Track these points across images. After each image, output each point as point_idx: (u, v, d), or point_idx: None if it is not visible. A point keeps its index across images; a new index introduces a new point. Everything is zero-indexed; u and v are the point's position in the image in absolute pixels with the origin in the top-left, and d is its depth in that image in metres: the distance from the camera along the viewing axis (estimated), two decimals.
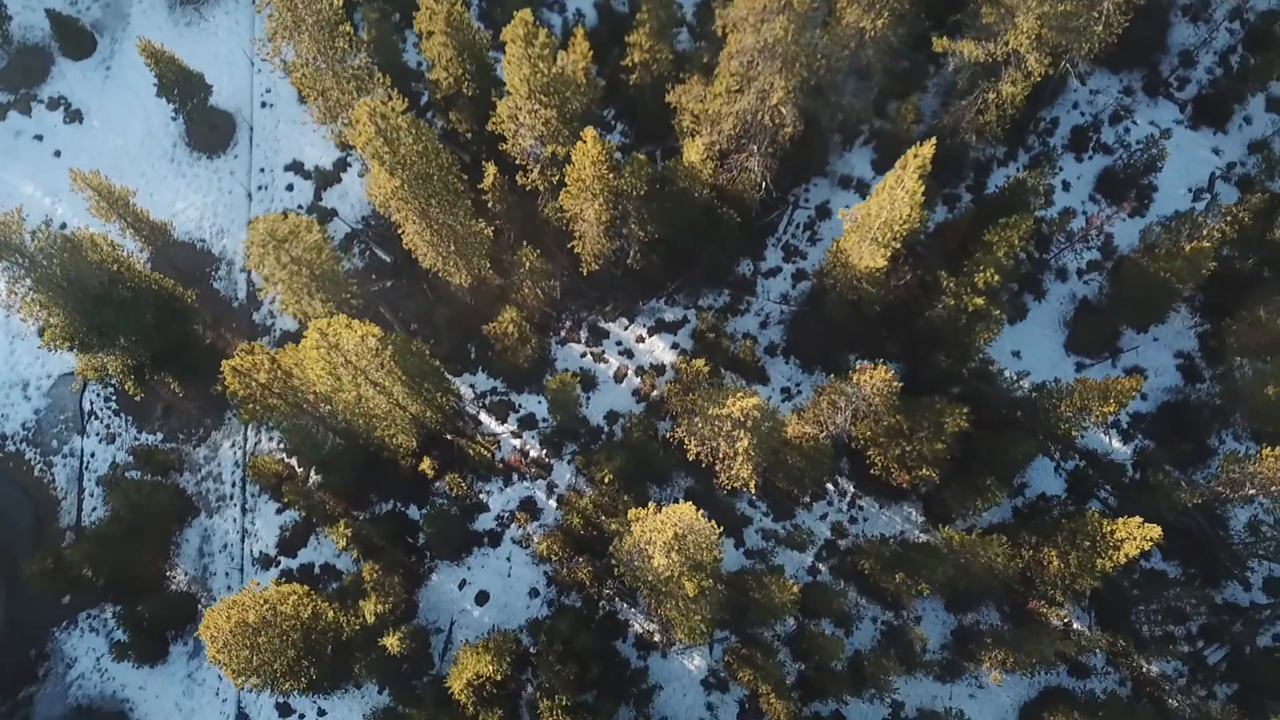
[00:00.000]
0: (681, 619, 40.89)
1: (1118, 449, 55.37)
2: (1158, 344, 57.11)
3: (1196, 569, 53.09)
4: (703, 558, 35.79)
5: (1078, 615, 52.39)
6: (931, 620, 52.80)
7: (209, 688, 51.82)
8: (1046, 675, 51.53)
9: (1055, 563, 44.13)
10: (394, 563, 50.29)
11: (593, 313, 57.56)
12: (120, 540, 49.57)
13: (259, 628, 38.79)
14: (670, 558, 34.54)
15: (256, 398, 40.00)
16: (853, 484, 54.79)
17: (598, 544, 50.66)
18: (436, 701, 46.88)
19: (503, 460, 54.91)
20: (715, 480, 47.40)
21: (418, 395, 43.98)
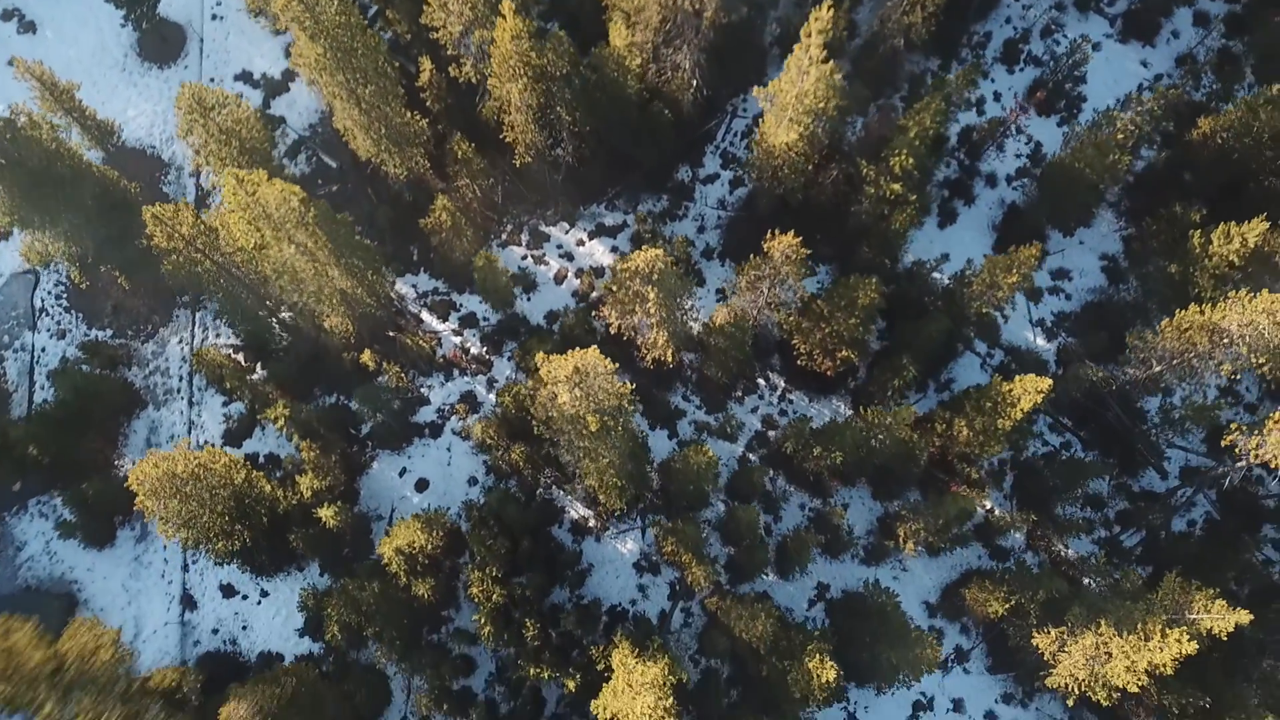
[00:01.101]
0: (596, 473, 42.36)
1: (1041, 345, 57.01)
2: (1083, 247, 58.75)
3: (1115, 459, 54.73)
4: (605, 400, 37.29)
5: (1000, 502, 54.08)
6: (858, 508, 54.42)
7: (155, 570, 53.30)
8: (966, 555, 53.22)
9: (965, 432, 45.74)
10: (333, 446, 51.75)
11: (533, 217, 59.04)
12: (67, 424, 51.02)
13: (187, 478, 40.24)
14: (573, 393, 36.06)
15: (181, 251, 41.34)
16: (783, 379, 56.38)
17: (533, 430, 52.20)
18: (371, 574, 48.38)
19: (444, 356, 56.43)
20: (637, 354, 48.94)
21: (347, 271, 45.43)
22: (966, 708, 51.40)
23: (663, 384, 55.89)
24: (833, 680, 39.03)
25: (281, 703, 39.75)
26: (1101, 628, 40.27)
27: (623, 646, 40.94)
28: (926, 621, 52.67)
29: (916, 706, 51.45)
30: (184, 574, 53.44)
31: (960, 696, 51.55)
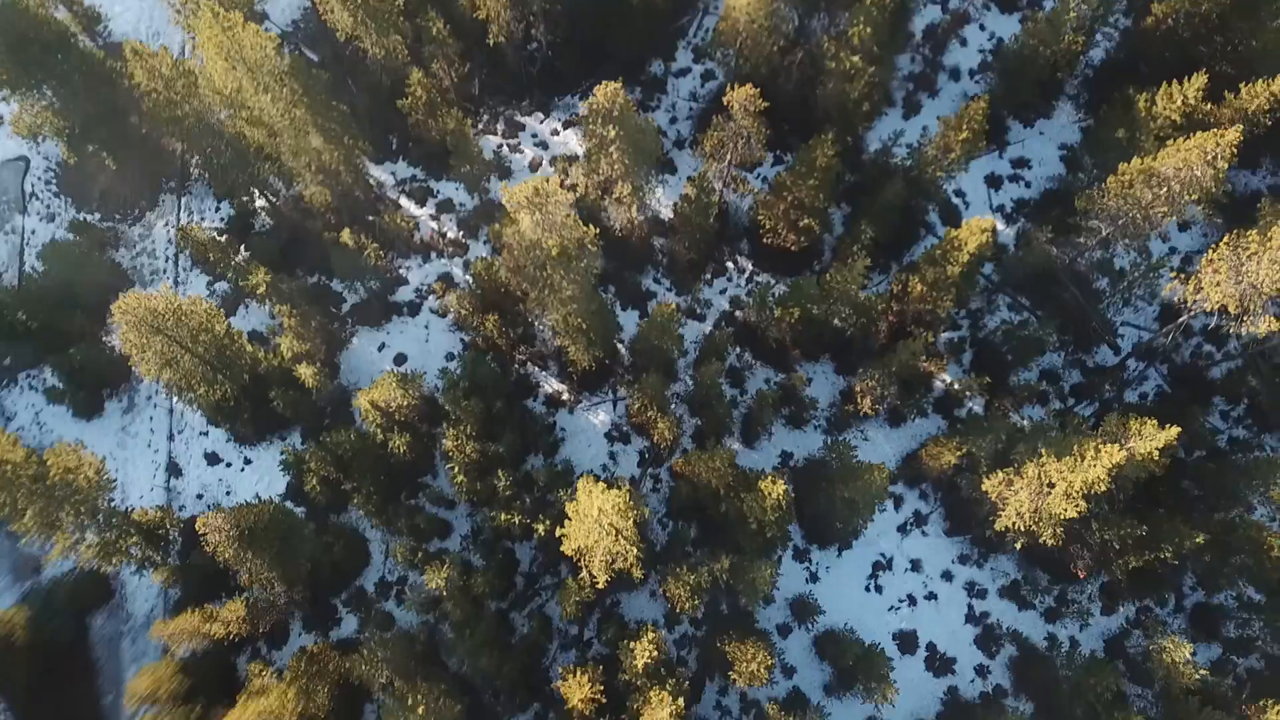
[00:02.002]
0: (563, 319, 44.07)
1: (1003, 230, 58.79)
2: (1043, 137, 60.52)
3: (1071, 337, 56.56)
4: (564, 230, 39.04)
5: (959, 375, 55.85)
6: (821, 382, 56.31)
7: (141, 440, 55.17)
8: (925, 425, 55.12)
9: (918, 287, 47.55)
10: (314, 318, 53.44)
11: (509, 108, 60.75)
12: (56, 295, 52.85)
13: (168, 315, 41.94)
14: (534, 218, 37.84)
15: (161, 93, 42.93)
16: (750, 262, 58.17)
17: (506, 303, 53.98)
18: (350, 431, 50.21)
19: (421, 239, 58.19)
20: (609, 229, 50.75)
21: (324, 134, 47.11)
22: (924, 568, 53.34)
23: (633, 267, 57.69)
24: (782, 496, 40.87)
25: (258, 526, 41.58)
26: (1043, 458, 42.19)
27: (586, 479, 42.75)
28: (888, 487, 54.50)
29: (876, 566, 53.41)
30: (170, 443, 55.29)
31: (918, 557, 53.51)
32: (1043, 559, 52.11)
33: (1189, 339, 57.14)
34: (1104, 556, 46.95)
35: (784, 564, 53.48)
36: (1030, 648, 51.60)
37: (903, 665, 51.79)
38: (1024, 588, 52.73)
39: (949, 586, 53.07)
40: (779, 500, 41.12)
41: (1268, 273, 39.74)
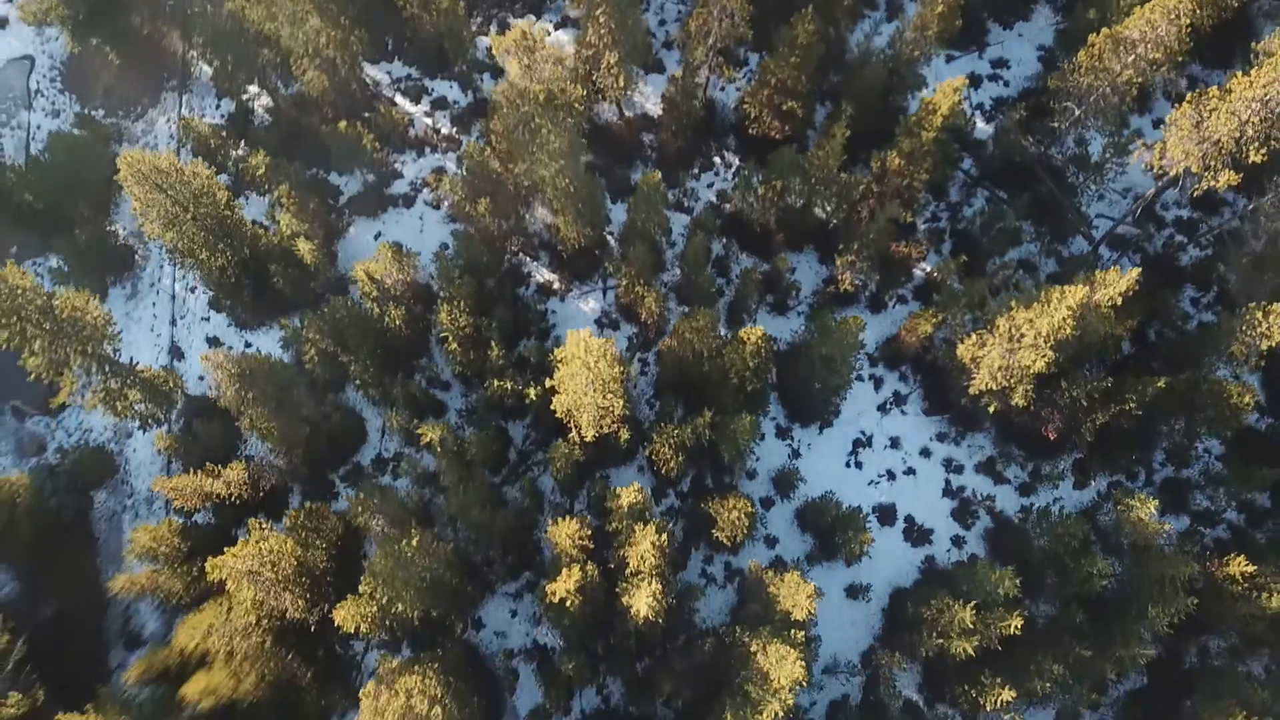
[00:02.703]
0: (550, 179, 45.61)
1: (981, 128, 60.44)
2: (1021, 39, 62.22)
3: (1048, 228, 58.25)
4: (552, 83, 40.63)
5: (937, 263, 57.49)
6: (805, 271, 57.99)
7: (144, 325, 56.78)
8: (905, 311, 56.81)
9: (896, 161, 49.21)
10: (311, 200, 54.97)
11: (503, 10, 62.27)
12: (61, 179, 54.33)
13: (170, 173, 43.55)
14: (521, 63, 39.44)
15: None
16: (737, 157, 59.80)
17: (498, 192, 55.55)
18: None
19: (416, 135, 59.76)
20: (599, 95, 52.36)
21: (322, 11, 48.64)
22: (903, 445, 55.08)
23: (623, 161, 59.32)
24: (761, 340, 42.48)
25: (259, 371, 43.22)
26: (1014, 310, 43.91)
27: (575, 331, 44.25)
28: (868, 370, 56.33)
29: (856, 444, 55.14)
30: (172, 328, 56.92)
31: (897, 435, 55.24)
32: (1017, 435, 53.91)
33: (1160, 230, 58.89)
34: (1073, 417, 48.63)
35: (767, 442, 55.25)
36: (1005, 519, 53.40)
37: (882, 536, 53.69)
38: (999, 463, 54.51)
39: (927, 463, 54.84)
40: (758, 345, 42.78)
41: (1226, 125, 41.37)
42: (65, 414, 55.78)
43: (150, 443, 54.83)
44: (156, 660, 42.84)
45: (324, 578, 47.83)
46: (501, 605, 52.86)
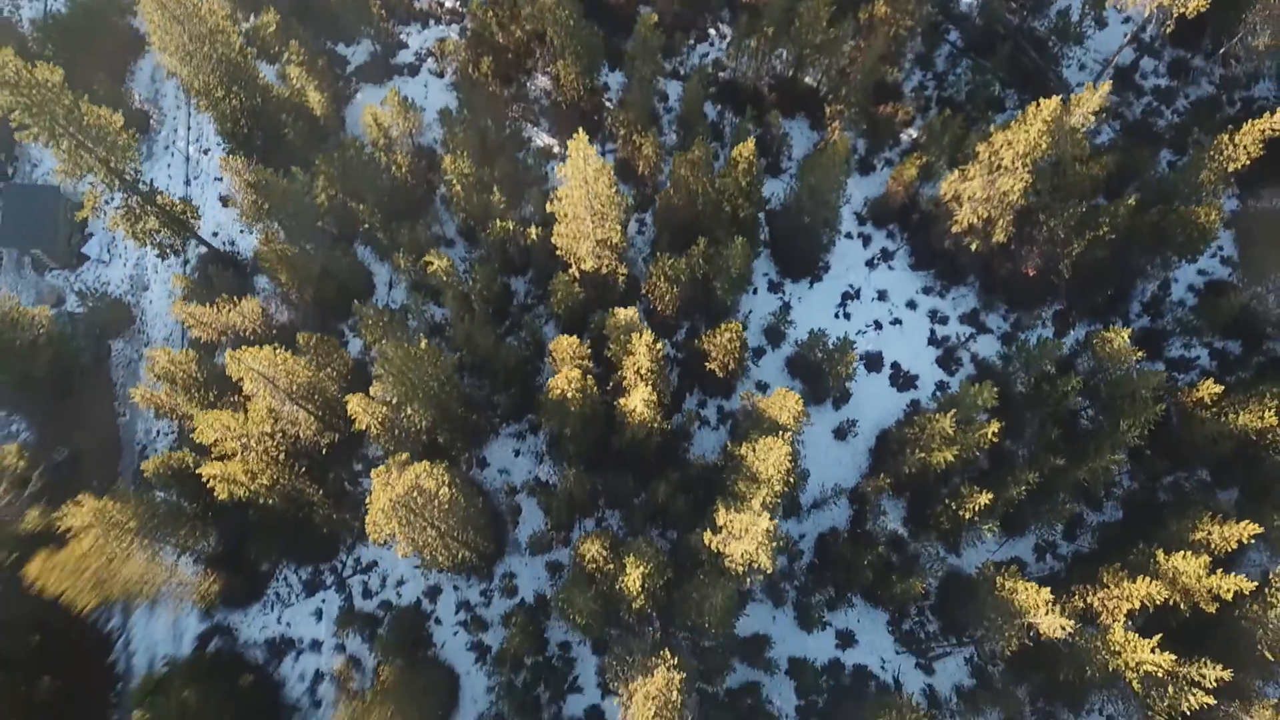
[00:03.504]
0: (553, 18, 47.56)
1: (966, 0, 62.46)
2: None
3: (1030, 94, 60.22)
4: None
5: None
6: (798, 137, 60.06)
7: (159, 184, 58.74)
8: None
9: (883, 8, 51.22)
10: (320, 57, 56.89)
11: None
12: (77, 34, 56.26)
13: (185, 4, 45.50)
14: None
15: None
16: (731, 29, 61.78)
17: (499, 56, 57.60)
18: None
19: (420, 7, 61.72)
20: None
21: None
22: (890, 297, 57.28)
23: (621, 31, 61.23)
24: (752, 154, 44.54)
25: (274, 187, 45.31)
26: (993, 135, 46.04)
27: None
28: (857, 229, 58.48)
29: (845, 296, 57.33)
30: (186, 188, 58.96)
31: (885, 288, 57.43)
32: (1000, 287, 56.06)
33: (1139, 98, 60.98)
34: (1051, 254, 50.76)
35: (759, 295, 57.45)
36: (987, 365, 55.57)
37: (869, 382, 56.03)
38: (982, 314, 56.71)
39: (913, 314, 57.03)
40: (749, 161, 44.87)
41: None
42: (84, 268, 57.85)
43: (166, 295, 56.94)
44: (173, 458, 44.91)
45: (334, 407, 49.97)
46: (505, 445, 55.09)
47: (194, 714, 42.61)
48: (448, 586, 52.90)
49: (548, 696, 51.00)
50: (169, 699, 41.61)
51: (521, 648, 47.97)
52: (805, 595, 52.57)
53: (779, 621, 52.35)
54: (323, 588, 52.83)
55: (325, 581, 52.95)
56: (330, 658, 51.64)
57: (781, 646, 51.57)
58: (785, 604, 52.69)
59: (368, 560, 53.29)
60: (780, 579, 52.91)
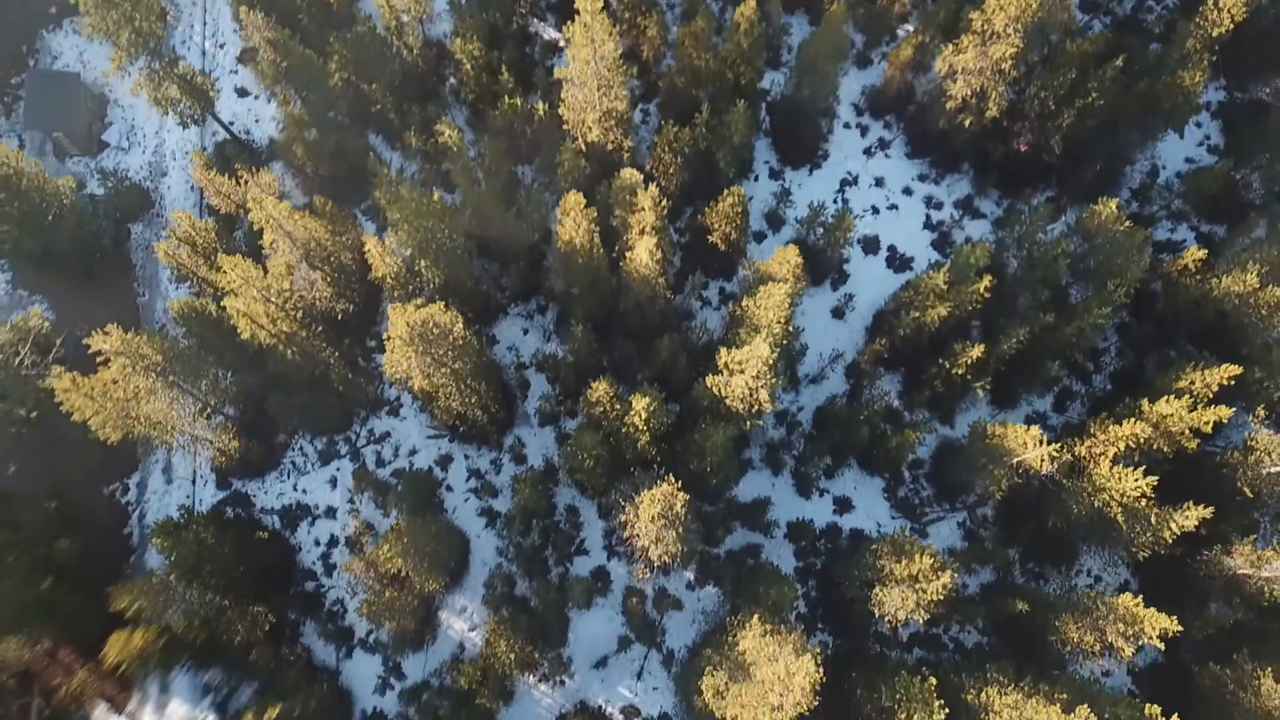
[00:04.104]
0: None
1: None
2: None
3: None
4: None
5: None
6: (797, 31, 61.68)
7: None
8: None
9: None
10: None
11: None
12: None
13: None
14: None
15: None
16: None
17: None
18: None
19: None
20: None
21: None
22: (887, 184, 59.01)
23: None
24: (753, 12, 46.16)
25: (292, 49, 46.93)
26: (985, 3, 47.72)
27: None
28: (855, 119, 60.16)
29: (843, 183, 59.06)
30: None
31: (882, 175, 59.17)
32: (993, 174, 57.75)
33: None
34: (1042, 128, 52.45)
35: (760, 182, 59.17)
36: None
37: (866, 264, 57.83)
38: (976, 200, 58.43)
39: (909, 200, 58.77)
40: (751, 22, 46.50)
41: None
42: (104, 155, 59.45)
43: (184, 181, 58.62)
44: (198, 303, 46.50)
45: (349, 277, 51.69)
46: (514, 324, 56.86)
47: (211, 555, 44.27)
48: (459, 455, 54.70)
49: (555, 558, 52.87)
50: (188, 538, 43.18)
51: (531, 501, 49.74)
52: (803, 464, 54.41)
53: (778, 489, 54.18)
54: (337, 457, 54.61)
55: (340, 451, 54.73)
56: (344, 523, 53.44)
57: (780, 512, 53.42)
58: (784, 471, 54.55)
59: (381, 431, 55.08)
60: (779, 448, 54.78)
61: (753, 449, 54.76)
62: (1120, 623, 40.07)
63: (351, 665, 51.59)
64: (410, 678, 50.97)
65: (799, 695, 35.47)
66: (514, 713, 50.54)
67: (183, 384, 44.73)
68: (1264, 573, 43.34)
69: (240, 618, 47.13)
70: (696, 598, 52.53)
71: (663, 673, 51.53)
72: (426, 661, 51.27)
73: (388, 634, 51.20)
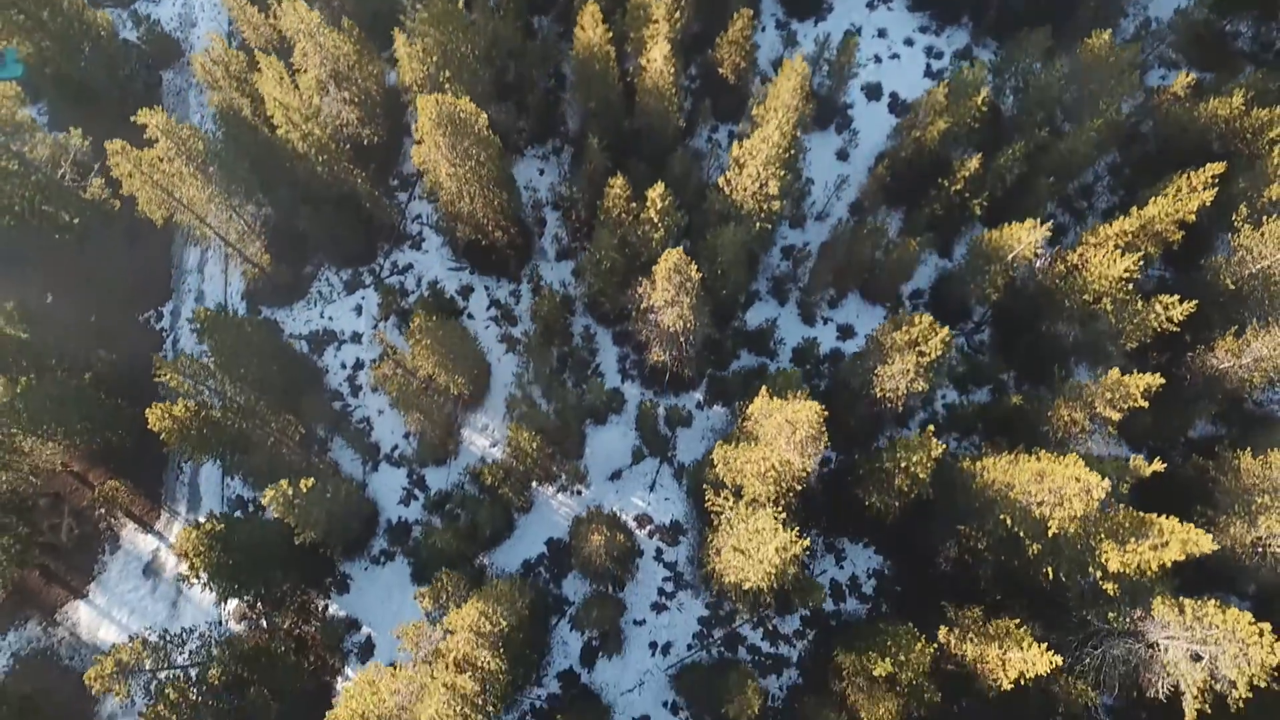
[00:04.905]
0: None
1: None
2: None
3: None
4: None
5: None
6: None
7: None
8: None
9: None
10: None
11: None
12: None
13: None
14: None
15: None
16: None
17: None
18: None
19: None
20: None
21: None
22: (889, 35, 61.32)
23: None
24: None
25: None
26: None
27: None
28: None
29: (846, 34, 61.13)
30: None
31: (884, 27, 61.53)
32: (991, 21, 60.00)
33: None
34: None
35: (766, 34, 61.48)
36: None
37: (869, 110, 60.14)
38: (974, 49, 60.69)
39: (910, 50, 61.08)
40: None
41: None
42: (135, 4, 61.67)
43: (213, 29, 60.83)
44: (233, 102, 48.72)
45: (373, 104, 53.92)
46: (530, 164, 59.21)
47: (248, 346, 46.54)
48: (479, 286, 57.14)
49: (573, 380, 55.36)
50: (227, 324, 45.49)
51: (551, 315, 52.15)
52: (808, 295, 56.85)
53: (784, 318, 56.65)
54: (361, 287, 57.09)
55: (364, 281, 57.19)
56: (369, 348, 55.96)
57: (786, 337, 55.89)
58: (789, 302, 57.01)
59: (404, 263, 57.53)
60: (785, 280, 57.19)
61: (760, 281, 57.22)
62: (1108, 392, 42.54)
63: (378, 478, 54.16)
64: (434, 489, 53.59)
65: (808, 429, 37.71)
66: (532, 519, 53.18)
67: (219, 183, 46.93)
68: (1243, 359, 45.72)
69: (274, 417, 49.58)
70: (705, 416, 55.08)
71: (674, 484, 54.11)
72: (449, 475, 53.87)
73: (412, 447, 53.82)
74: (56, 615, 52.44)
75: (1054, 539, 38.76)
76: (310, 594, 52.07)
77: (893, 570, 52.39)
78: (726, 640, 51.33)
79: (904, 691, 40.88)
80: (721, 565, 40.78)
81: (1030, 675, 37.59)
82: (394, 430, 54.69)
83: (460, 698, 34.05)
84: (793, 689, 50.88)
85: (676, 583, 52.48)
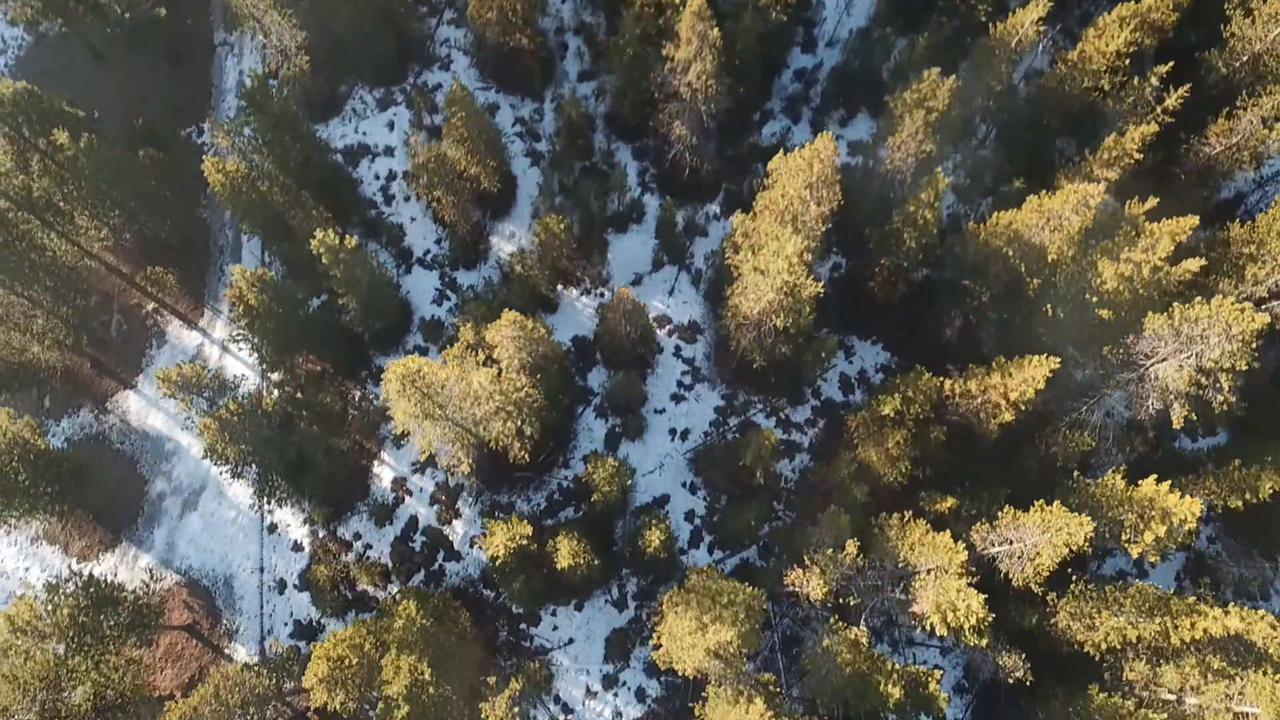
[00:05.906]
0: None
1: None
2: None
3: None
4: None
5: None
6: None
7: None
8: None
9: None
10: None
11: None
12: None
13: None
14: None
15: None
16: None
17: None
18: None
19: None
20: None
21: None
22: None
23: None
24: None
25: None
26: None
27: None
28: None
29: None
30: None
31: None
32: None
33: None
34: None
35: None
36: None
37: None
38: None
39: None
40: None
41: None
42: None
43: None
44: None
45: None
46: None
47: (289, 125, 48.85)
48: (504, 104, 59.72)
49: (594, 193, 58.00)
50: (270, 100, 47.85)
51: (573, 117, 54.77)
52: (820, 115, 59.50)
53: (796, 134, 59.26)
54: (394, 104, 59.69)
55: (396, 100, 59.79)
56: (401, 162, 58.64)
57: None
58: (802, 121, 59.65)
59: (434, 83, 60.11)
60: (799, 100, 59.81)
61: (775, 101, 59.84)
62: (1105, 153, 45.22)
63: (411, 279, 56.93)
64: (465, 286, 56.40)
65: (822, 167, 40.45)
66: (558, 319, 55.95)
67: None
68: (1233, 139, 48.36)
69: (314, 206, 52.21)
70: (722, 227, 57.77)
71: (691, 290, 56.89)
72: (480, 276, 56.62)
73: (444, 250, 56.57)
74: (107, 404, 55.32)
75: (1053, 268, 41.52)
76: (347, 384, 54.91)
77: (900, 363, 55.19)
78: (741, 428, 54.20)
79: (910, 425, 43.67)
80: (738, 296, 43.36)
81: (1031, 392, 40.29)
82: (425, 236, 57.45)
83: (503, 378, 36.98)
84: (804, 471, 53.82)
85: (694, 376, 55.36)
